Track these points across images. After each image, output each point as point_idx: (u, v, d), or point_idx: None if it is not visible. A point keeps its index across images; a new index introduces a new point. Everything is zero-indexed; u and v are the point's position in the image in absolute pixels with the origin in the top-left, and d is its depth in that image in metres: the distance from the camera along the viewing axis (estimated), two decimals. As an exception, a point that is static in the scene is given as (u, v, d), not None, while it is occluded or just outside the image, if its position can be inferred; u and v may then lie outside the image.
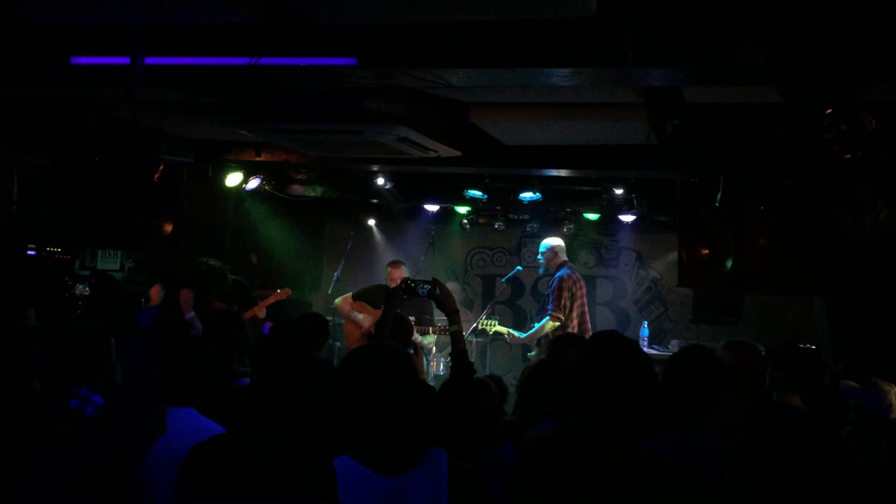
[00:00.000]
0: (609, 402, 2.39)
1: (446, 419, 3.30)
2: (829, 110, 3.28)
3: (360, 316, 8.12)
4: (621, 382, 2.42)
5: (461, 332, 3.66)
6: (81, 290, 7.18)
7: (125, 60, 4.03)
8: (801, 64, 3.19)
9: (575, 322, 7.75)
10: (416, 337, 7.44)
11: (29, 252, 7.15)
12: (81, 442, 2.55)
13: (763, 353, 4.35)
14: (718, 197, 5.03)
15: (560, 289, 7.76)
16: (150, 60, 4.01)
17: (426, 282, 3.91)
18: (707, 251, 5.26)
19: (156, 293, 6.12)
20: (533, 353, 8.07)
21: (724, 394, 3.32)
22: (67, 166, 5.63)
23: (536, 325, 7.89)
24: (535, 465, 2.38)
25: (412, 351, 5.06)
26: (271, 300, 7.60)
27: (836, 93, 3.19)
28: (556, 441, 2.43)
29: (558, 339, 4.97)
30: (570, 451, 2.35)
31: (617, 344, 2.57)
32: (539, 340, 7.81)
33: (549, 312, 7.73)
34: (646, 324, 9.50)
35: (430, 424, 3.09)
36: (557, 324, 7.62)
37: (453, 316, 3.74)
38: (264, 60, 3.76)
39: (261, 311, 7.37)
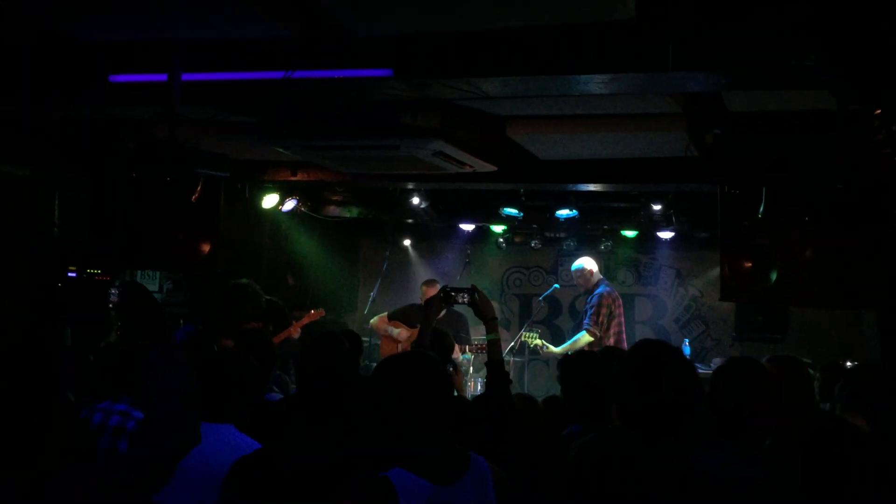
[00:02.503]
0: (651, 413, 2.31)
1: (486, 431, 3.23)
2: (879, 111, 3.18)
3: (397, 331, 8.07)
4: (666, 394, 2.33)
5: (498, 340, 3.59)
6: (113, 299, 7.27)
7: (162, 77, 4.06)
8: (851, 64, 3.10)
9: (612, 340, 7.66)
10: (458, 356, 7.38)
11: (69, 274, 7.23)
12: (111, 456, 2.51)
13: (810, 369, 4.22)
14: (761, 209, 4.91)
15: (599, 304, 7.72)
16: (186, 77, 4.04)
17: (465, 289, 3.85)
18: (750, 264, 5.14)
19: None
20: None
21: (774, 409, 3.20)
22: (107, 187, 5.69)
23: (571, 339, 7.81)
24: (575, 475, 2.30)
25: (452, 368, 4.98)
26: (305, 321, 7.59)
27: (887, 93, 3.08)
28: (596, 452, 2.34)
29: (608, 349, 4.88)
30: (611, 463, 2.27)
31: (662, 352, 2.48)
32: None
33: (586, 326, 7.66)
34: (687, 342, 9.33)
35: (469, 436, 3.02)
36: (592, 339, 7.53)
37: (491, 324, 3.66)
38: (298, 74, 3.76)
39: (296, 332, 7.36)
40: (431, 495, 2.31)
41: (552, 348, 8.07)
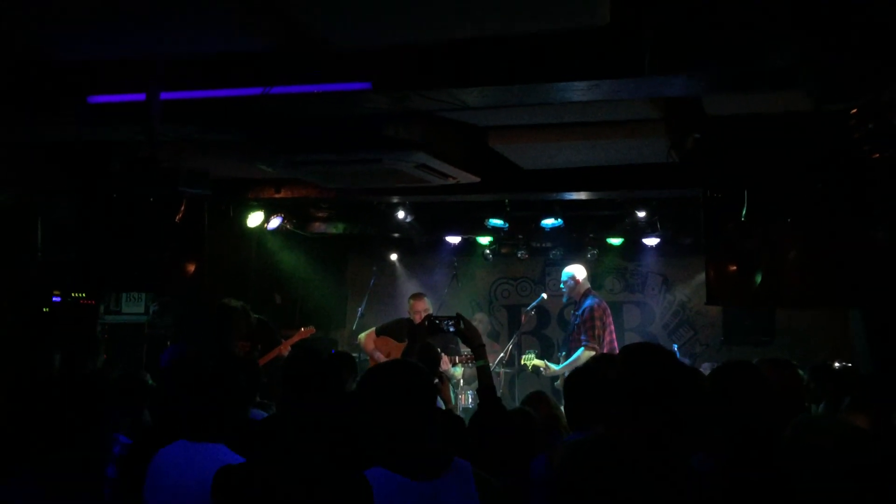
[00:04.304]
0: (647, 414, 2.30)
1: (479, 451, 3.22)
2: (855, 110, 3.20)
3: (384, 359, 8.04)
4: (659, 394, 2.33)
5: (488, 366, 3.61)
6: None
7: (141, 97, 4.04)
8: (824, 64, 3.12)
9: (605, 350, 7.65)
10: (448, 368, 7.36)
11: (54, 299, 7.17)
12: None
13: (799, 370, 4.23)
14: (744, 212, 4.93)
15: (592, 318, 7.71)
16: (165, 96, 4.02)
17: (450, 317, 3.87)
18: (735, 267, 5.16)
19: None
20: (559, 383, 7.95)
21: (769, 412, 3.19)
22: (90, 209, 5.66)
23: (572, 357, 7.78)
24: (572, 480, 2.29)
25: (438, 381, 4.95)
26: (295, 338, 7.56)
27: (862, 92, 3.11)
28: (593, 455, 2.34)
29: (601, 356, 4.87)
30: (607, 466, 2.26)
31: (654, 354, 2.48)
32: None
33: (584, 343, 7.66)
34: (676, 348, 9.33)
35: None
36: (592, 353, 7.52)
37: (479, 350, 3.68)
38: (277, 89, 3.75)
39: (286, 350, 7.31)
40: (409, 490, 2.36)
41: (553, 367, 8.06)
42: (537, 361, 8.33)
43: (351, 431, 2.69)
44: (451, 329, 3.83)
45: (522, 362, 8.47)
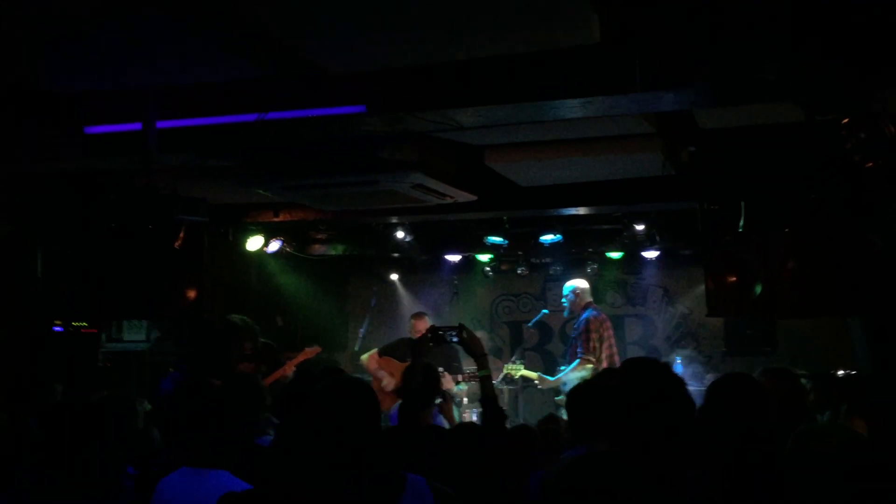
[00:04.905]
0: (643, 427, 2.31)
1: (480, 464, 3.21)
2: (847, 119, 3.22)
3: (384, 382, 8.02)
4: (654, 406, 2.34)
5: (490, 376, 3.60)
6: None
7: (137, 126, 4.07)
8: (811, 76, 3.14)
9: (605, 364, 7.62)
10: (451, 387, 7.34)
11: (55, 329, 7.16)
12: None
13: (802, 380, 4.23)
14: (741, 223, 4.95)
15: (588, 331, 7.67)
16: (161, 124, 4.05)
17: (452, 328, 3.86)
18: (734, 278, 5.16)
19: None
20: (561, 397, 7.92)
21: (769, 421, 3.19)
22: (90, 239, 5.68)
23: (567, 369, 7.76)
24: (565, 498, 2.29)
25: (442, 400, 4.95)
26: (300, 358, 7.52)
27: (852, 101, 3.13)
28: (587, 471, 2.34)
29: (604, 370, 4.89)
30: (602, 483, 2.26)
31: (649, 368, 2.49)
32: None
33: (580, 355, 7.62)
34: (678, 360, 9.31)
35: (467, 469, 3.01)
36: (590, 365, 7.49)
37: (482, 360, 3.67)
38: (272, 115, 3.78)
39: (290, 371, 7.30)
40: None
41: (548, 379, 8.02)
42: (527, 373, 8.28)
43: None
44: (455, 339, 3.82)
45: (506, 370, 8.39)
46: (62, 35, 3.34)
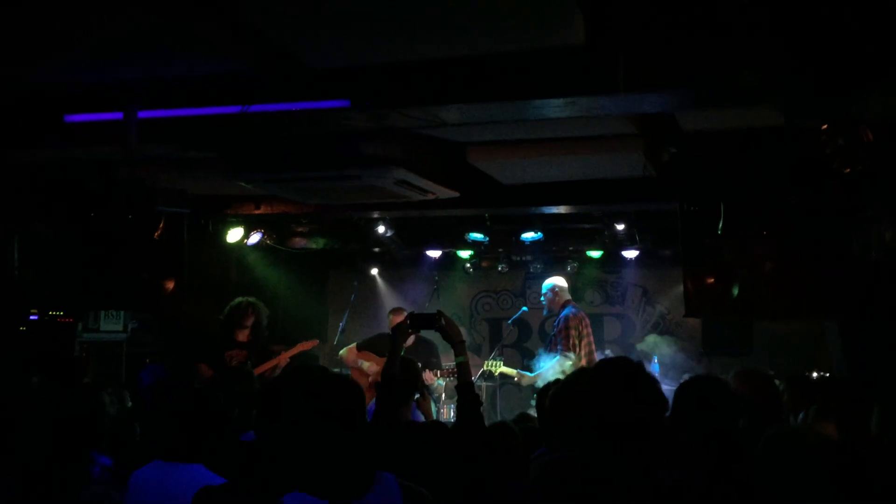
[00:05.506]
0: (617, 426, 2.33)
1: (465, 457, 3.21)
2: (826, 125, 3.27)
3: (366, 365, 8.01)
4: (628, 405, 2.36)
5: (467, 363, 3.61)
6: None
7: (119, 116, 4.04)
8: (791, 82, 3.18)
9: (584, 361, 7.66)
10: (432, 380, 7.35)
11: (31, 317, 7.10)
12: None
13: (776, 381, 4.27)
14: (720, 225, 4.99)
15: (567, 328, 7.70)
16: (143, 115, 4.02)
17: (430, 314, 3.86)
18: (713, 279, 5.21)
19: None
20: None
21: (737, 422, 3.23)
22: (69, 230, 5.63)
23: (546, 365, 7.78)
24: (549, 495, 2.30)
25: (420, 395, 4.95)
26: (296, 350, 7.48)
27: (832, 108, 3.17)
28: (568, 469, 2.36)
29: (578, 370, 4.90)
30: (584, 479, 2.28)
31: (623, 368, 2.51)
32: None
33: (560, 352, 7.65)
34: (656, 359, 9.37)
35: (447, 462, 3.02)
36: (570, 362, 7.53)
37: (459, 346, 3.68)
38: (255, 108, 3.77)
39: (284, 362, 7.26)
40: None
41: (527, 375, 8.04)
42: (506, 369, 8.30)
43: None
44: (432, 324, 3.83)
45: (485, 367, 8.42)
46: (47, 30, 3.31)
